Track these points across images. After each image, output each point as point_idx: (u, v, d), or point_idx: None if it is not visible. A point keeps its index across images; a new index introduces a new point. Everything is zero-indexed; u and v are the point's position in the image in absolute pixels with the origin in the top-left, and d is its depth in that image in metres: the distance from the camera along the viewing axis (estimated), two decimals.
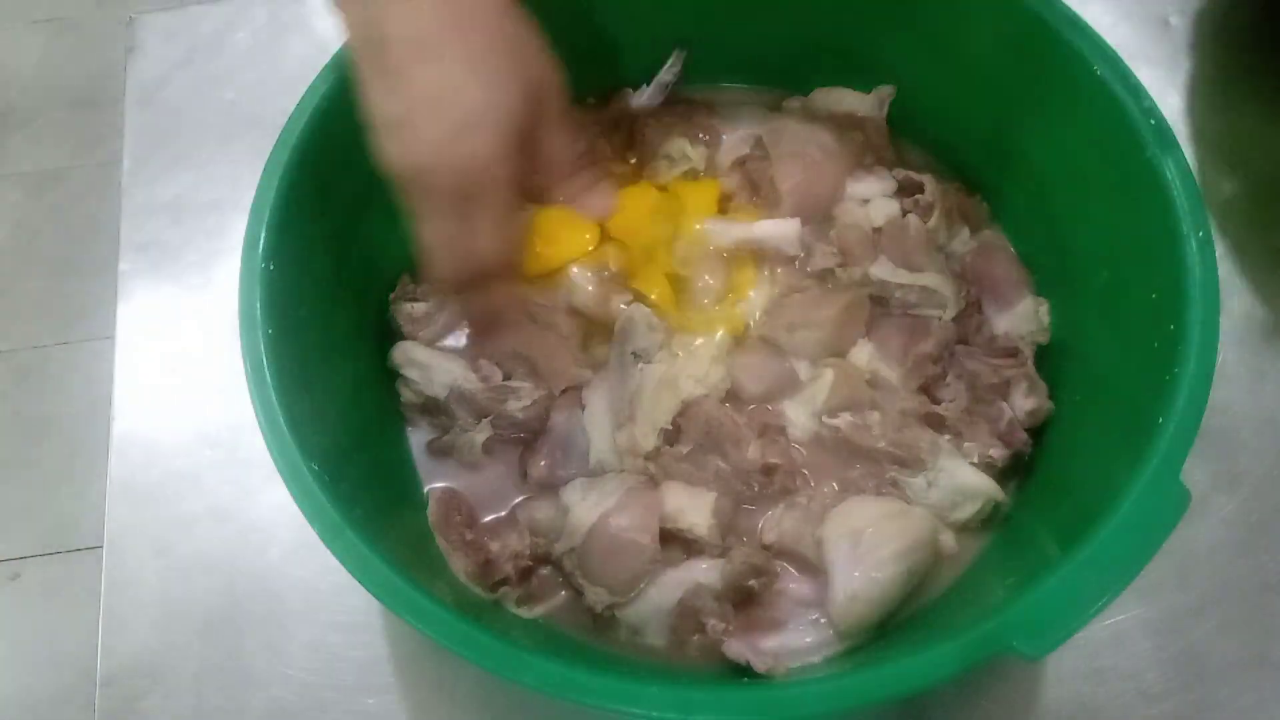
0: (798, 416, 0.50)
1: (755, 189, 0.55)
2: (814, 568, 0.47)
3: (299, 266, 0.46)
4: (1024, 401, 0.50)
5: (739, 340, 0.52)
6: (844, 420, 0.49)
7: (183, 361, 0.60)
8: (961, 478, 0.48)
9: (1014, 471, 0.50)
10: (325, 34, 0.68)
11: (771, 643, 0.46)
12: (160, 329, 0.61)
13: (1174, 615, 0.51)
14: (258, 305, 0.43)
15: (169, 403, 0.58)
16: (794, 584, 0.48)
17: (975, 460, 0.49)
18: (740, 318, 0.52)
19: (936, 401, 0.51)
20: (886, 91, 0.57)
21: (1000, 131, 0.54)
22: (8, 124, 1.49)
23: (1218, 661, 0.50)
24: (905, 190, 0.55)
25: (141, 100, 0.68)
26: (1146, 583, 0.52)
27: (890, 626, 0.47)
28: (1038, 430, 0.51)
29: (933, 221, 0.53)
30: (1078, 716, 0.49)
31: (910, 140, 0.58)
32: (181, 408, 0.58)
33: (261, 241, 0.44)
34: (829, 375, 0.50)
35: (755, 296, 0.53)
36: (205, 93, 0.68)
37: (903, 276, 0.52)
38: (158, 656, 0.52)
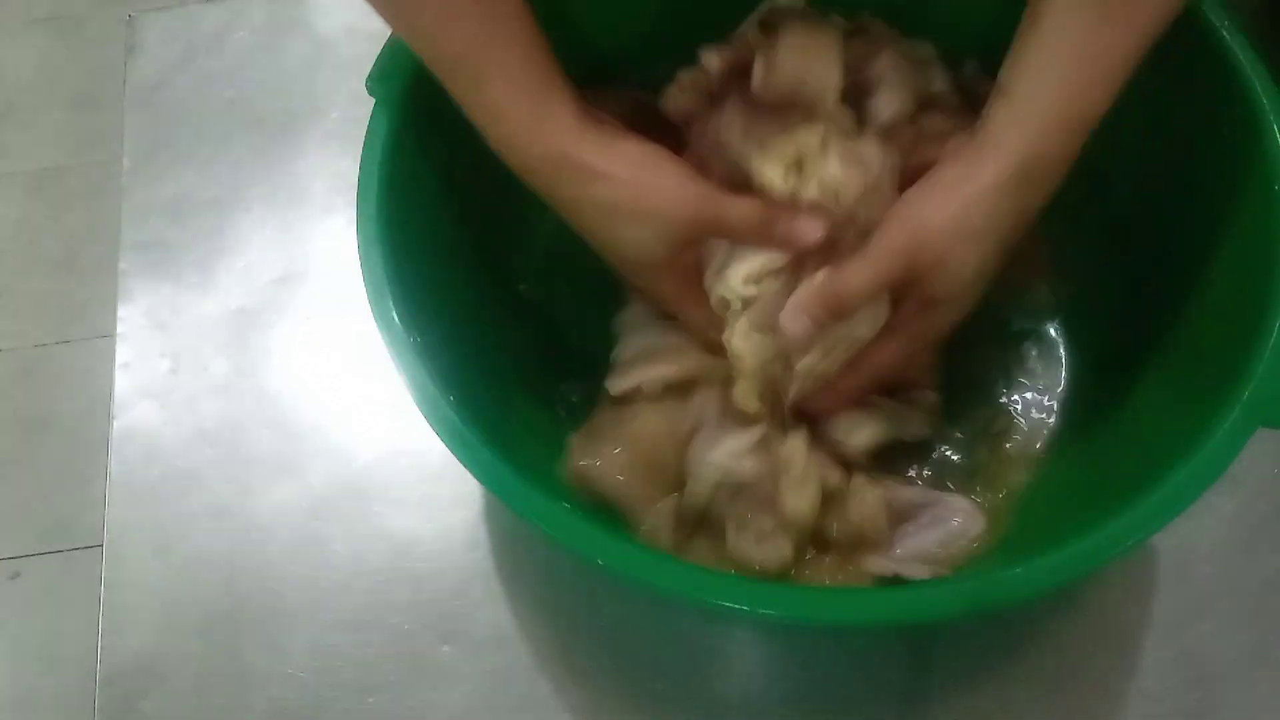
0: None
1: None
2: None
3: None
4: None
5: None
6: None
7: (182, 360, 0.60)
8: None
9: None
10: (325, 34, 0.68)
11: None
12: (160, 328, 0.61)
13: (1174, 615, 0.51)
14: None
15: (169, 401, 0.58)
16: None
17: None
18: None
19: None
20: None
21: None
22: (8, 123, 1.49)
23: (1218, 661, 0.50)
24: None
25: (141, 100, 0.68)
26: (1146, 582, 0.52)
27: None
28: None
29: None
30: (1078, 716, 0.50)
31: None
32: (181, 406, 0.58)
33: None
34: None
35: None
36: (205, 92, 0.68)
37: None
38: (158, 656, 0.52)
